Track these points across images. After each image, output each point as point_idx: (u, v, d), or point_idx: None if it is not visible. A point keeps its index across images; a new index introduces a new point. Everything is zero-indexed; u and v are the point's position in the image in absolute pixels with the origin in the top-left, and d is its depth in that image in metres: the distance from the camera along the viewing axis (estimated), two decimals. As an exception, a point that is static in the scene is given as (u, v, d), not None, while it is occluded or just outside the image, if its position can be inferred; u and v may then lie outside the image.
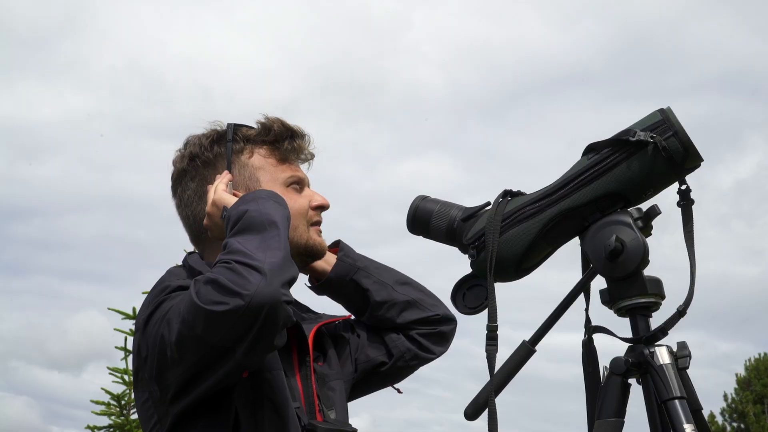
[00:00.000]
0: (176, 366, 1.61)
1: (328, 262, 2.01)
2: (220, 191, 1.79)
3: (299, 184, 1.91)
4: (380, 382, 2.08)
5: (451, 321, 2.08)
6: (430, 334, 2.05)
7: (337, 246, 2.07)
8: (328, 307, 2.10)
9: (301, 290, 2.08)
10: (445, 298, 2.04)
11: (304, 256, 1.89)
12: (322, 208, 1.93)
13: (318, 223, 1.92)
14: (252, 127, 1.92)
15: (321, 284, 2.02)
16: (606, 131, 1.55)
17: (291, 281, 1.57)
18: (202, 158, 1.89)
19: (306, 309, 2.02)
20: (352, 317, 2.09)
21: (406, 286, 2.06)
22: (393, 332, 2.04)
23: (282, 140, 1.90)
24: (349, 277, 2.01)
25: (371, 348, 2.03)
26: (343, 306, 2.08)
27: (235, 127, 1.90)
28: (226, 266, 1.51)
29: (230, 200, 1.75)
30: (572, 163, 1.57)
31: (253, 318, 1.49)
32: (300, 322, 1.84)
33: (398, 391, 2.11)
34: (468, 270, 1.63)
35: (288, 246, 1.61)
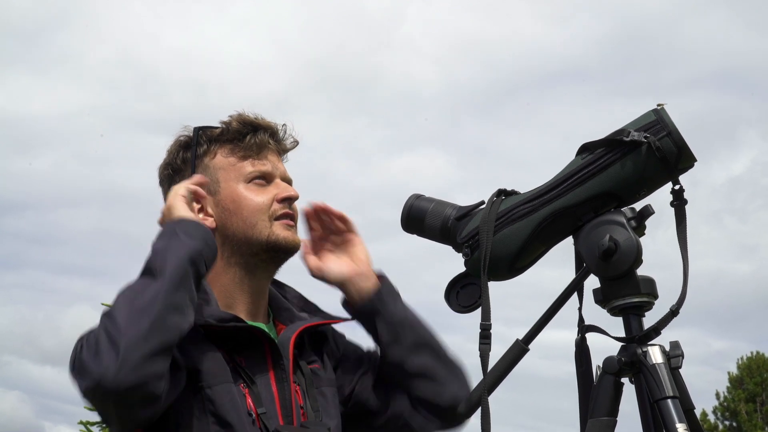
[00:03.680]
0: None
1: (363, 290, 1.88)
2: (174, 197, 1.75)
3: (265, 178, 1.85)
4: None
5: (460, 417, 1.82)
6: (433, 416, 1.86)
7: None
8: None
9: (311, 283, 1.98)
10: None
11: (271, 252, 1.81)
12: (289, 200, 1.85)
13: (286, 215, 1.83)
14: (217, 127, 1.88)
15: (351, 312, 1.92)
16: (600, 127, 1.55)
17: (158, 350, 1.51)
18: (173, 166, 1.88)
19: (314, 309, 1.93)
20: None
21: (424, 355, 1.87)
22: (401, 390, 1.87)
23: (243, 136, 1.85)
24: (372, 318, 1.87)
25: (373, 391, 1.88)
26: None
27: (201, 130, 1.87)
28: (97, 332, 1.53)
29: (176, 213, 1.71)
30: (566, 159, 1.57)
31: (102, 401, 1.50)
32: (255, 327, 1.75)
33: None
34: (462, 266, 1.63)
35: (167, 299, 1.55)
